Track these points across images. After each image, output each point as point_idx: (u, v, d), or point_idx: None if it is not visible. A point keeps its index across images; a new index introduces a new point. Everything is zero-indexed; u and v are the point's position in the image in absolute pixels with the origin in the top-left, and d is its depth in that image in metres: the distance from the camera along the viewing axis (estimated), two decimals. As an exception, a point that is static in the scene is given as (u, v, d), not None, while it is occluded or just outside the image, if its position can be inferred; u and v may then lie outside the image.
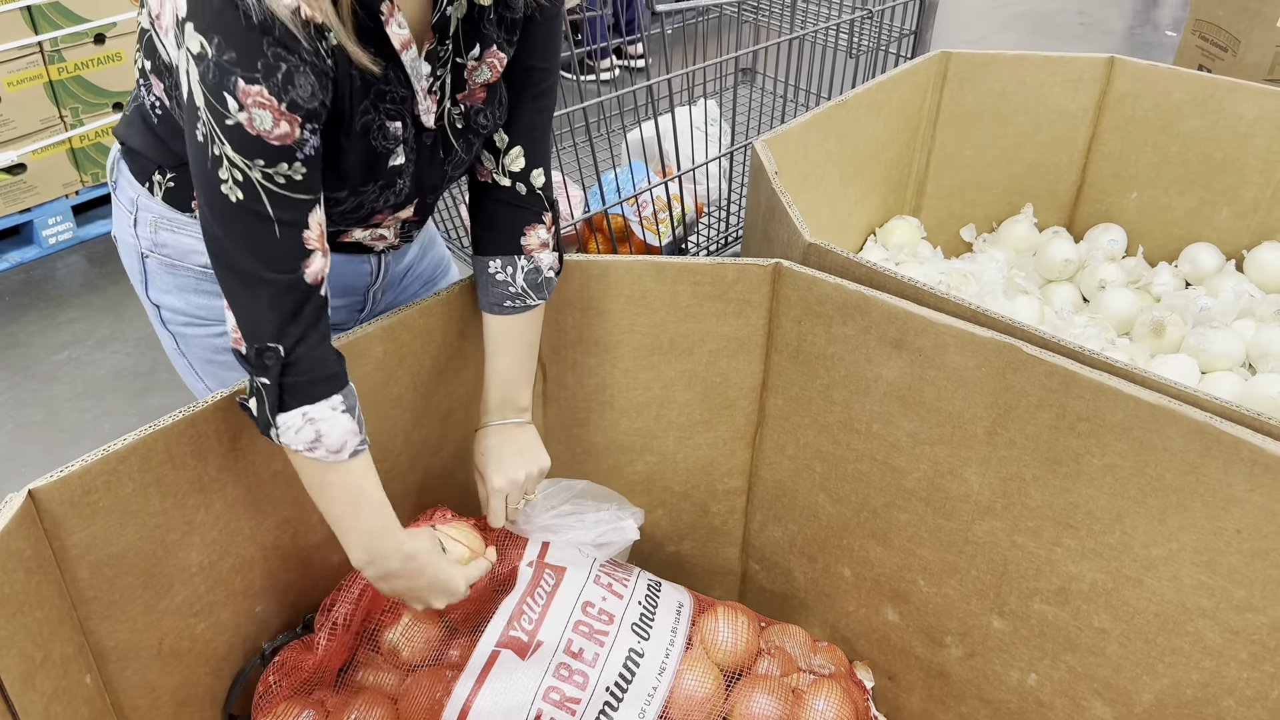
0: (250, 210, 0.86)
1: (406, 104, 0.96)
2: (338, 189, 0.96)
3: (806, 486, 1.33)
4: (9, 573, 0.85)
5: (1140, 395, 0.99)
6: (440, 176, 1.06)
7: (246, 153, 0.83)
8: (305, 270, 0.90)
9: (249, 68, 0.81)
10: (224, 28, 0.80)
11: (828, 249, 1.23)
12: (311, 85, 0.84)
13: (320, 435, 0.93)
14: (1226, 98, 1.75)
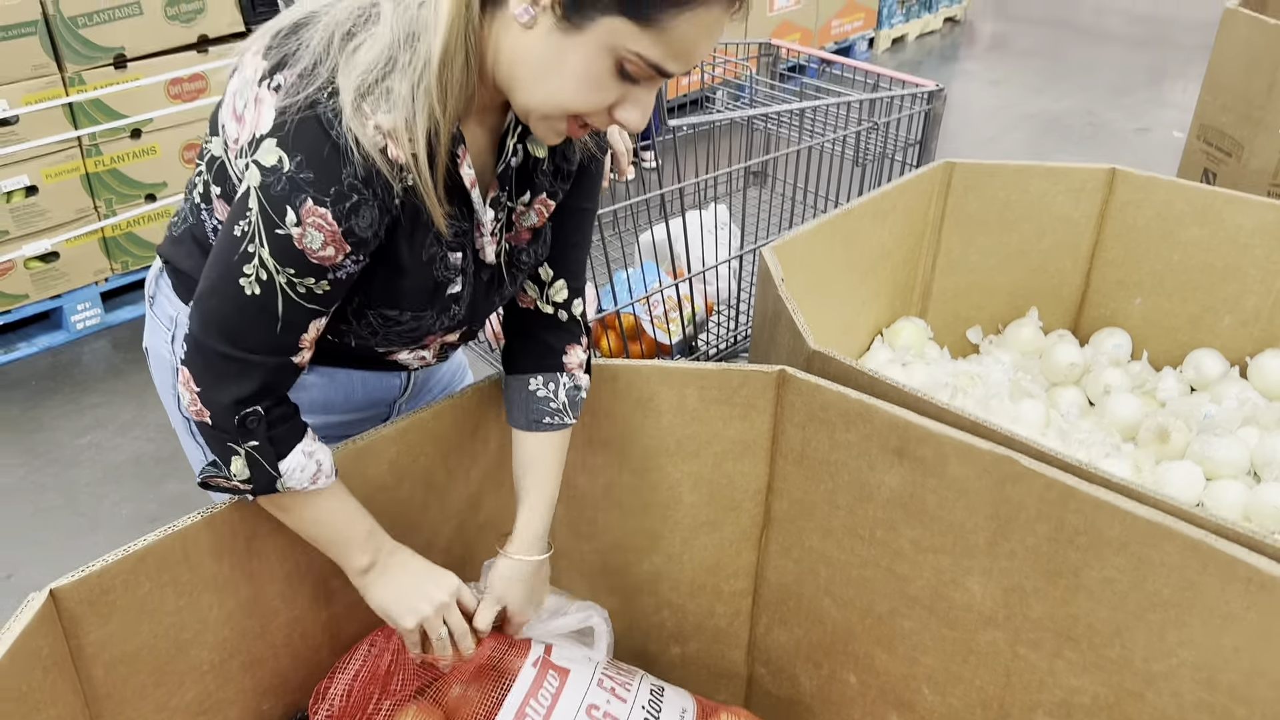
0: (261, 306, 0.90)
1: (468, 238, 1.01)
2: (398, 311, 1.01)
3: (812, 590, 1.34)
4: (27, 671, 0.87)
5: (1137, 511, 1.01)
6: (490, 306, 1.11)
7: (282, 260, 0.88)
8: (292, 359, 0.95)
9: (322, 190, 0.86)
10: (307, 149, 0.85)
11: (831, 356, 1.26)
12: (372, 219, 0.89)
13: (320, 464, 0.99)
14: (1225, 208, 1.79)
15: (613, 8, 0.81)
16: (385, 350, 1.10)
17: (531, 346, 1.17)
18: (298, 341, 0.94)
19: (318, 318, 0.94)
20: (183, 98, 3.01)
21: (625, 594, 1.42)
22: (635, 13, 0.81)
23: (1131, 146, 4.71)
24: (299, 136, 0.85)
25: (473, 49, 0.86)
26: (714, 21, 0.84)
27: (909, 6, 6.21)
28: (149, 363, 1.19)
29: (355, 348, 1.07)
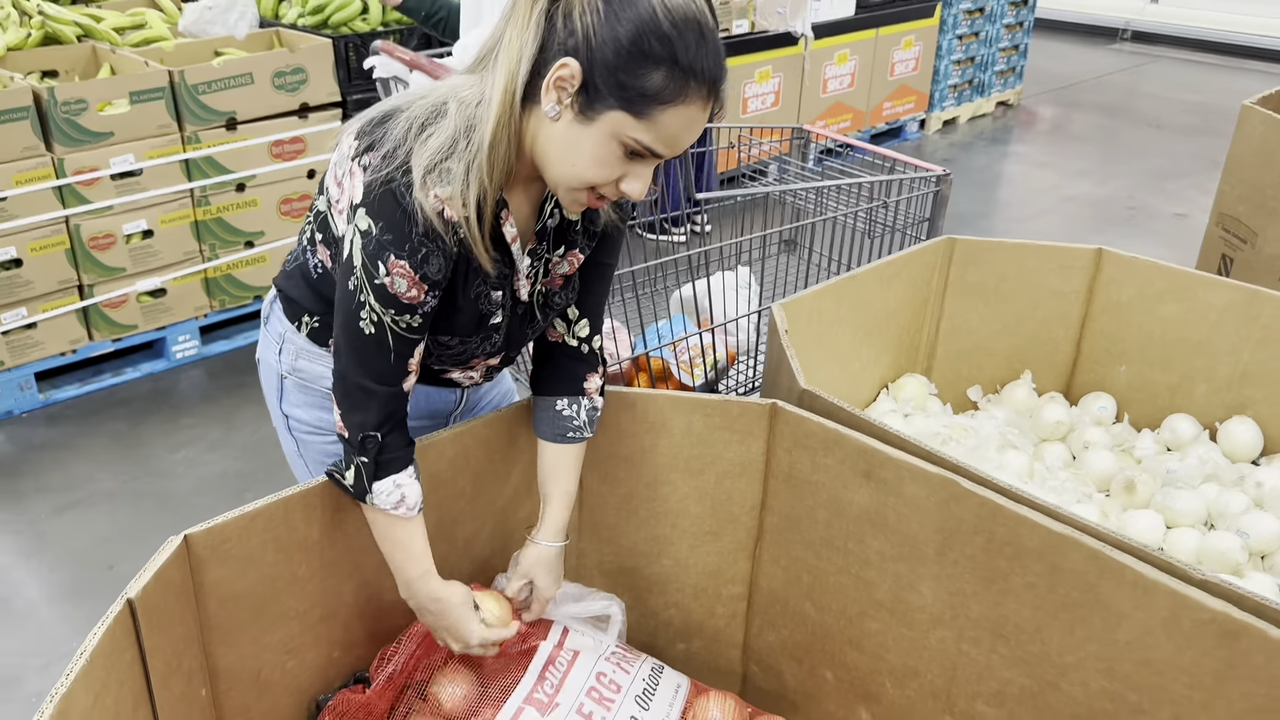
0: (378, 342, 1.19)
1: (508, 281, 1.29)
2: (450, 337, 1.29)
3: (796, 595, 1.57)
4: (164, 594, 1.14)
5: (1049, 525, 1.23)
6: (524, 337, 1.39)
7: (384, 303, 1.17)
8: (404, 385, 1.24)
9: (399, 248, 1.14)
10: (386, 217, 1.14)
11: (817, 394, 1.50)
12: (440, 265, 1.17)
13: (404, 496, 1.25)
14: (1199, 288, 2.00)
15: (615, 105, 1.09)
16: (440, 369, 1.37)
17: (558, 373, 1.45)
18: (407, 367, 1.23)
19: (417, 345, 1.23)
20: (283, 157, 3.38)
21: (637, 593, 1.66)
22: (632, 109, 1.09)
23: (1166, 231, 4.88)
24: (380, 206, 1.14)
25: (513, 136, 1.14)
26: (694, 116, 1.11)
27: (960, 91, 6.48)
28: (259, 370, 1.49)
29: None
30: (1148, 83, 7.81)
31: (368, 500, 1.25)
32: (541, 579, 1.42)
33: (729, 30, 4.73)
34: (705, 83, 1.09)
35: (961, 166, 5.81)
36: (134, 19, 3.61)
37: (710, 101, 1.11)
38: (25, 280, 2.97)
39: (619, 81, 1.07)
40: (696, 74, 1.08)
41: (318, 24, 3.77)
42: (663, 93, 1.08)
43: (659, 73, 1.07)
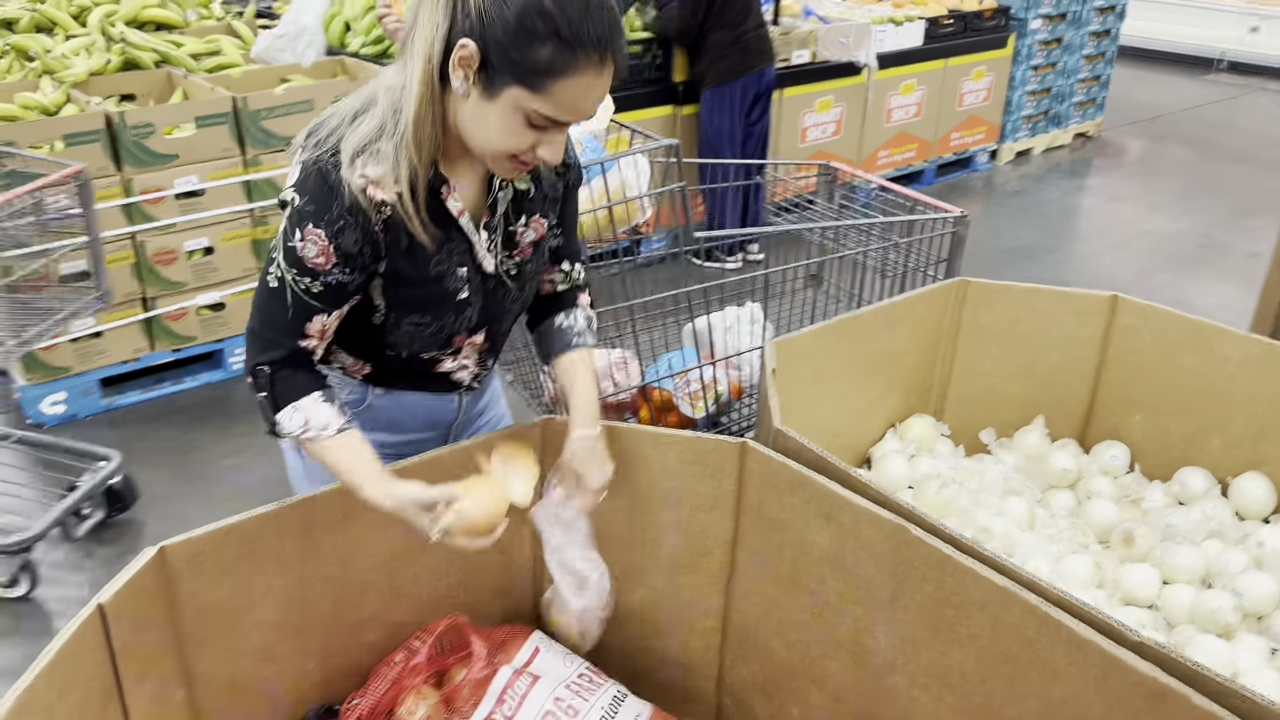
0: (277, 296, 1.30)
1: (469, 255, 1.37)
2: (422, 314, 1.37)
3: (765, 632, 1.59)
4: (138, 601, 1.23)
5: (992, 578, 1.24)
6: (501, 310, 1.47)
7: (289, 262, 1.28)
8: (297, 342, 1.33)
9: (319, 219, 1.25)
10: (312, 192, 1.25)
11: (789, 435, 1.53)
12: (356, 239, 1.27)
13: (307, 420, 1.32)
14: (1215, 340, 1.96)
15: (512, 81, 1.17)
16: (429, 356, 1.45)
17: (555, 299, 1.56)
18: (303, 329, 1.32)
19: (318, 314, 1.31)
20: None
21: (619, 619, 1.69)
22: (527, 84, 1.17)
23: (1238, 270, 4.73)
24: (308, 184, 1.26)
25: (437, 116, 1.23)
26: (589, 84, 1.18)
27: (1035, 122, 6.37)
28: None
29: (409, 360, 1.44)
30: (1241, 116, 7.56)
31: (277, 432, 1.34)
32: (586, 470, 1.45)
33: (789, 60, 4.76)
34: (595, 50, 1.16)
35: (1032, 199, 5.72)
36: (210, 45, 3.81)
37: (604, 67, 1.17)
38: (94, 291, 3.15)
39: (511, 59, 1.15)
40: (583, 44, 1.15)
41: (378, 54, 3.92)
42: (553, 66, 1.15)
43: (546, 47, 1.14)
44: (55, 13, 3.76)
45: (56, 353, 3.19)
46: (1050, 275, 4.68)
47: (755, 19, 4.24)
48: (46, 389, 3.22)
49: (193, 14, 4.07)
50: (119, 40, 3.57)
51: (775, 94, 4.57)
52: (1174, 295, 4.46)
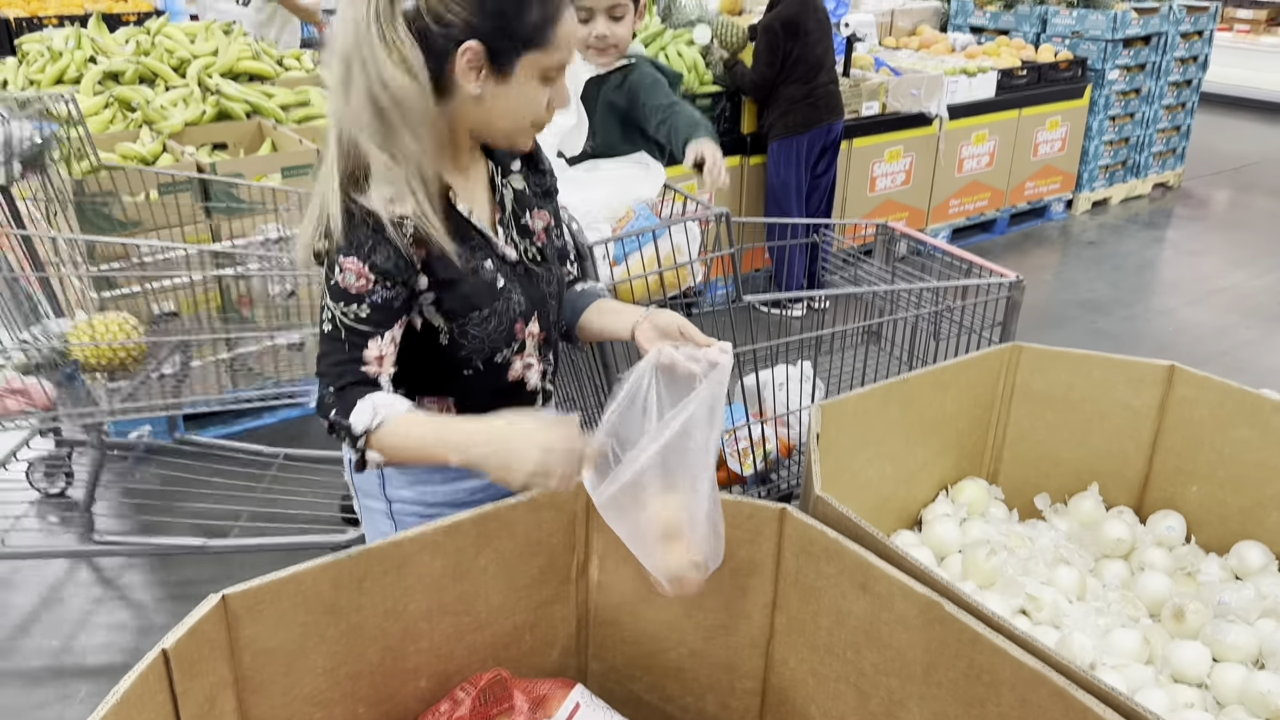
0: (331, 336, 1.40)
1: (490, 249, 1.48)
2: (478, 310, 1.47)
3: (802, 699, 1.61)
4: (200, 646, 1.31)
5: (1021, 658, 1.25)
6: (541, 292, 1.56)
7: (334, 298, 1.37)
8: (362, 370, 1.40)
9: (349, 248, 1.34)
10: (339, 229, 1.34)
11: (828, 501, 1.55)
12: (389, 254, 1.35)
13: (376, 407, 1.38)
14: (1272, 414, 1.94)
15: (523, 50, 1.28)
16: (500, 360, 1.53)
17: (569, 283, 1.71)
18: (362, 357, 1.39)
19: (371, 339, 1.39)
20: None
21: (656, 675, 1.73)
22: (537, 44, 1.28)
23: (1322, 329, 4.59)
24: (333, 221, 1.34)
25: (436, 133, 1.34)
26: (571, 17, 1.32)
27: (1112, 172, 6.29)
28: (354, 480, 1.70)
29: (486, 372, 1.53)
30: (1330, 166, 7.35)
31: (361, 444, 1.38)
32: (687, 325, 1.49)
33: (858, 112, 4.79)
34: None
35: (1108, 250, 5.63)
36: (299, 96, 3.99)
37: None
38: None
39: (510, 32, 1.26)
40: None
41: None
42: (544, 15, 1.27)
43: (533, 7, 1.27)
44: (157, 65, 3.99)
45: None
46: (1122, 330, 4.60)
47: (828, 74, 4.29)
48: (133, 424, 3.39)
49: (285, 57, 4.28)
50: (214, 92, 3.76)
51: (844, 144, 4.61)
52: (1253, 355, 4.35)
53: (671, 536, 1.39)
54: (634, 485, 1.32)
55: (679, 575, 1.41)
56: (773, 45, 4.17)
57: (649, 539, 1.39)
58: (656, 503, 1.36)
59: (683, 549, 1.38)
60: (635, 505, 1.35)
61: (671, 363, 1.39)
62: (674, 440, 1.30)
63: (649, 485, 1.34)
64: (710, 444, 1.36)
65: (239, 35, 4.36)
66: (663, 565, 1.41)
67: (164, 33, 4.35)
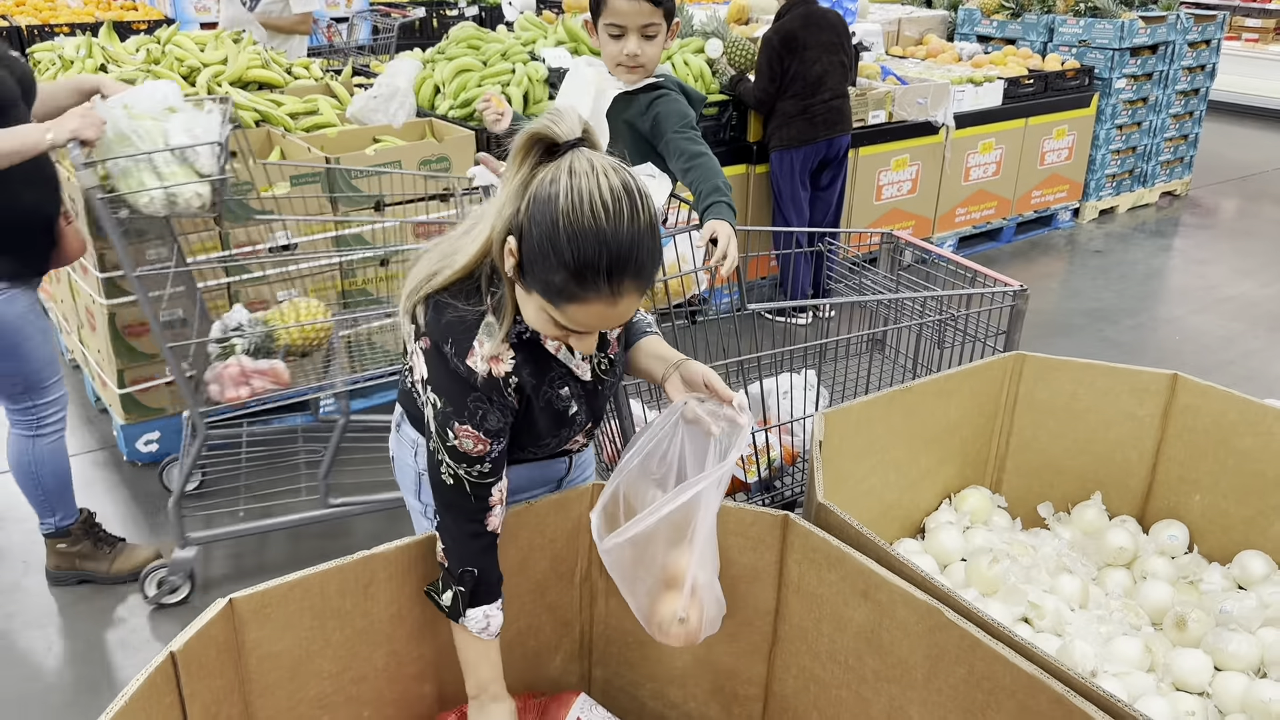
0: (457, 489, 1.40)
1: (569, 376, 1.46)
2: (543, 439, 1.48)
3: (804, 704, 1.62)
4: (206, 647, 1.32)
5: (1020, 664, 1.26)
6: (603, 401, 1.55)
7: (456, 460, 1.38)
8: (488, 523, 1.43)
9: (460, 415, 1.35)
10: (446, 390, 1.35)
11: (830, 509, 1.56)
12: (498, 418, 1.37)
13: (489, 623, 1.45)
14: (1275, 424, 1.94)
15: (537, 289, 1.25)
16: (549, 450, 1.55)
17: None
18: (488, 504, 1.43)
19: (492, 485, 1.42)
20: (424, 236, 3.68)
21: (660, 683, 1.74)
22: (545, 296, 1.25)
23: (1330, 339, 4.58)
24: (440, 381, 1.36)
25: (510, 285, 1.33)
26: (600, 310, 1.24)
27: (1119, 180, 6.28)
28: (394, 466, 1.71)
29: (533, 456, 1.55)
30: (1343, 175, 7.33)
31: (460, 622, 1.45)
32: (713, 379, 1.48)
33: (864, 120, 4.80)
34: (605, 283, 1.21)
35: (1115, 259, 5.62)
36: (308, 105, 4.02)
37: (617, 296, 1.23)
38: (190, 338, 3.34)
39: (532, 272, 1.24)
40: (592, 277, 1.20)
41: (464, 116, 4.09)
42: (564, 291, 1.22)
43: (559, 274, 1.21)
44: (167, 73, 4.02)
45: (152, 394, 3.37)
46: (1129, 339, 4.60)
47: (830, 91, 4.27)
48: (142, 428, 3.41)
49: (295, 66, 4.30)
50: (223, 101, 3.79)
51: (851, 153, 4.61)
52: (1260, 364, 4.34)
53: (670, 587, 1.45)
54: (642, 538, 1.39)
55: (664, 625, 1.47)
56: (771, 60, 4.18)
57: (646, 584, 1.46)
58: (662, 552, 1.43)
59: (675, 602, 1.44)
60: (640, 553, 1.42)
61: (696, 419, 1.44)
62: (690, 503, 1.37)
63: (657, 538, 1.41)
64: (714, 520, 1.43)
65: (248, 44, 4.40)
66: (652, 612, 1.48)
67: (174, 41, 4.37)
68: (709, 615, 1.46)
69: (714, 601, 1.47)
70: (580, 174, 1.20)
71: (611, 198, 1.20)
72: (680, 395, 1.48)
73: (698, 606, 1.44)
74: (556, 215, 1.19)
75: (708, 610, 1.45)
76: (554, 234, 1.19)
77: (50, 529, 2.79)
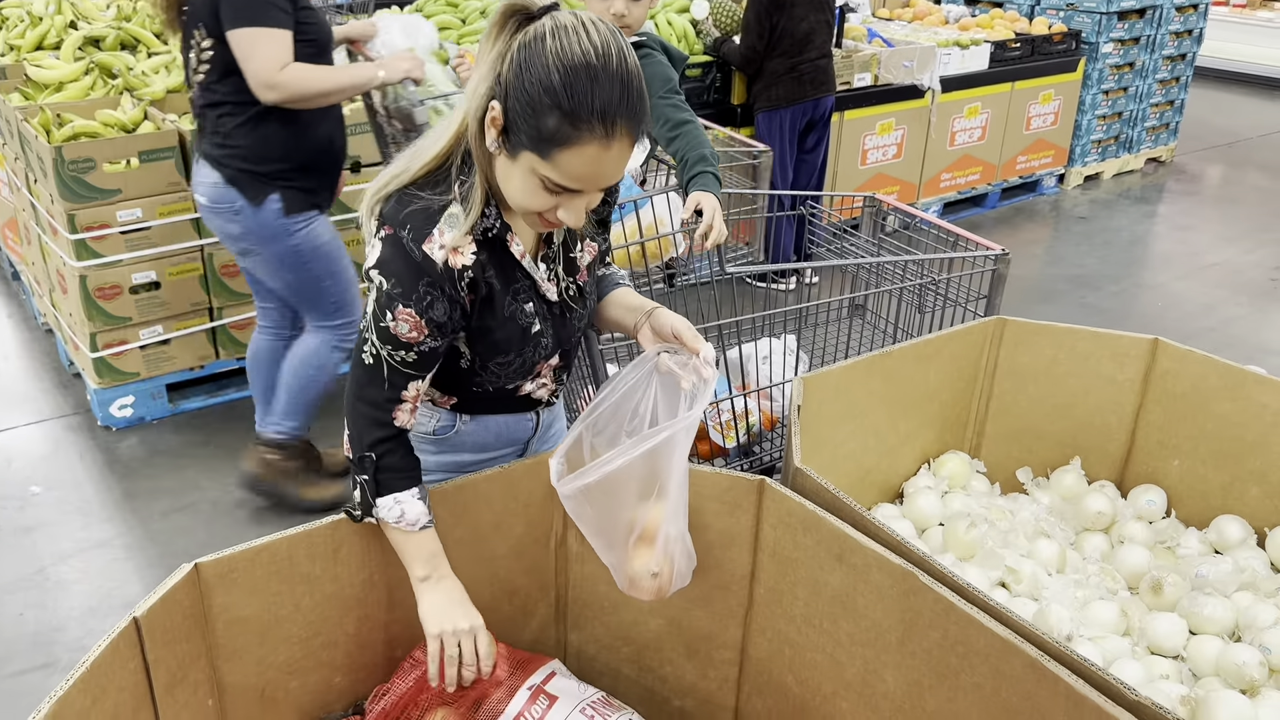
0: (373, 371, 1.37)
1: (534, 290, 1.44)
2: (506, 355, 1.45)
3: (779, 667, 1.61)
4: (171, 614, 1.30)
5: (994, 628, 1.25)
6: (571, 330, 1.53)
7: (383, 340, 1.34)
8: (395, 416, 1.39)
9: (407, 299, 1.31)
10: (396, 273, 1.31)
11: (807, 473, 1.55)
12: (444, 310, 1.33)
13: (404, 513, 1.40)
14: (1254, 388, 1.93)
15: (526, 145, 1.22)
16: (514, 386, 1.53)
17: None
18: (400, 396, 1.38)
19: (413, 380, 1.38)
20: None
21: (637, 646, 1.73)
22: (537, 150, 1.22)
23: (1311, 306, 4.59)
24: (390, 263, 1.31)
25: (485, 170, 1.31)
26: (595, 155, 1.21)
27: (1105, 146, 6.26)
28: None
29: (494, 392, 1.52)
30: (1324, 142, 7.33)
31: (374, 515, 1.41)
32: (683, 329, 1.45)
33: (850, 83, 4.76)
34: (599, 123, 1.19)
35: (1099, 225, 5.62)
36: (284, 64, 3.94)
37: (611, 139, 1.21)
38: (162, 301, 3.29)
39: (524, 125, 1.21)
40: (586, 117, 1.19)
41: (443, 74, 4.03)
42: (556, 136, 1.20)
43: (551, 118, 1.19)
44: (139, 30, 3.94)
45: (126, 359, 3.33)
46: (1111, 305, 4.59)
47: (816, 50, 4.24)
48: (116, 393, 3.37)
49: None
50: (196, 59, 3.70)
51: (835, 116, 4.57)
52: (1242, 331, 4.35)
53: (645, 541, 1.43)
54: (609, 483, 1.35)
55: (636, 579, 1.45)
56: (760, 15, 4.13)
57: (618, 536, 1.44)
58: (634, 504, 1.41)
59: (648, 556, 1.42)
60: (607, 502, 1.39)
61: (668, 371, 1.42)
62: (660, 448, 1.34)
63: (627, 485, 1.38)
64: (686, 470, 1.41)
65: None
66: (624, 565, 1.46)
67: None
68: (679, 569, 1.44)
69: (684, 555, 1.46)
70: (565, 23, 1.21)
71: (600, 40, 1.20)
72: (652, 346, 1.45)
73: (669, 561, 1.43)
74: (546, 58, 1.18)
75: (678, 564, 1.44)
76: (545, 76, 1.18)
77: (276, 432, 2.89)
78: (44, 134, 3.16)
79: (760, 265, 2.16)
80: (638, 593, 1.46)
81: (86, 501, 3.03)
